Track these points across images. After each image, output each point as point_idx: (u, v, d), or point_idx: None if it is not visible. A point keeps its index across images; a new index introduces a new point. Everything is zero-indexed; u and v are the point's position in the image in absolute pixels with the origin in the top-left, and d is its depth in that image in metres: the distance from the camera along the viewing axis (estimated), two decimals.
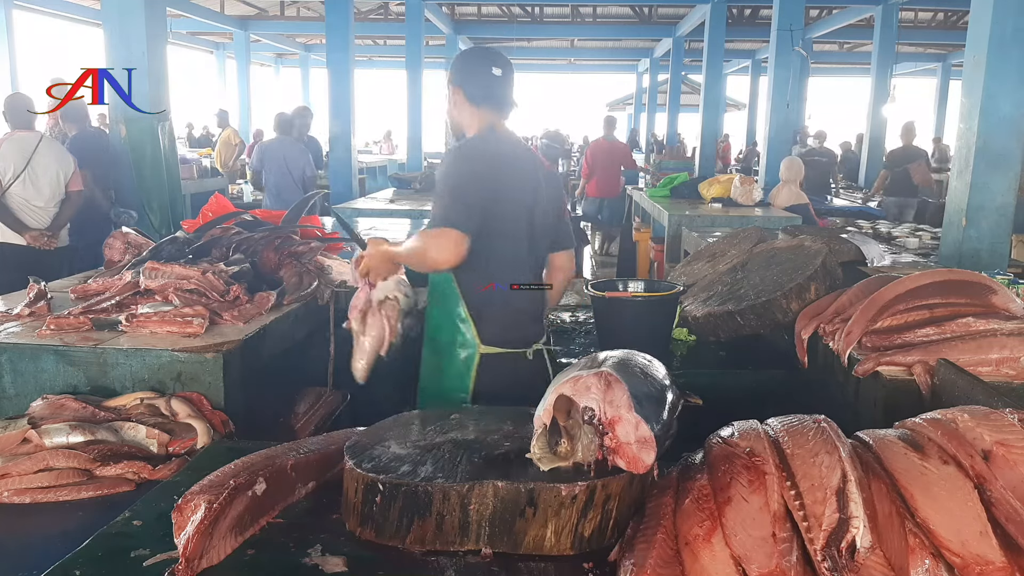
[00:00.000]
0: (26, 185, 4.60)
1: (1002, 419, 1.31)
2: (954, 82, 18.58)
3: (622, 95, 28.16)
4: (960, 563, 1.11)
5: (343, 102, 8.63)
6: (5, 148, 4.56)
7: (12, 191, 4.56)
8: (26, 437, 1.87)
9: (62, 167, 4.76)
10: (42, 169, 4.65)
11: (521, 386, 2.12)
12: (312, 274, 2.97)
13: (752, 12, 15.29)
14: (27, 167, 4.58)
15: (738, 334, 2.97)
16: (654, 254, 7.06)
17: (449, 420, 1.61)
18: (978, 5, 4.12)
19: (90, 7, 13.29)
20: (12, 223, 4.58)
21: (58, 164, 4.75)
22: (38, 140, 4.70)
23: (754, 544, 1.15)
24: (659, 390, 1.44)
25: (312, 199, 3.86)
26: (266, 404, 2.56)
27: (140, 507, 1.50)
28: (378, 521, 1.36)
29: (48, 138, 4.93)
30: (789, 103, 8.58)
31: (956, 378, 1.98)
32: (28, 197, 4.62)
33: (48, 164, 4.69)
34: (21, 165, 4.56)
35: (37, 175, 4.63)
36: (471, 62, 2.39)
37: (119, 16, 5.28)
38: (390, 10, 16.29)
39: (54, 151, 4.79)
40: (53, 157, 4.74)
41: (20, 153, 4.58)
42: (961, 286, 2.44)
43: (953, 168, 4.41)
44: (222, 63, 19.71)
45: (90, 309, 2.45)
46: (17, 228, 4.59)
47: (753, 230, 4.11)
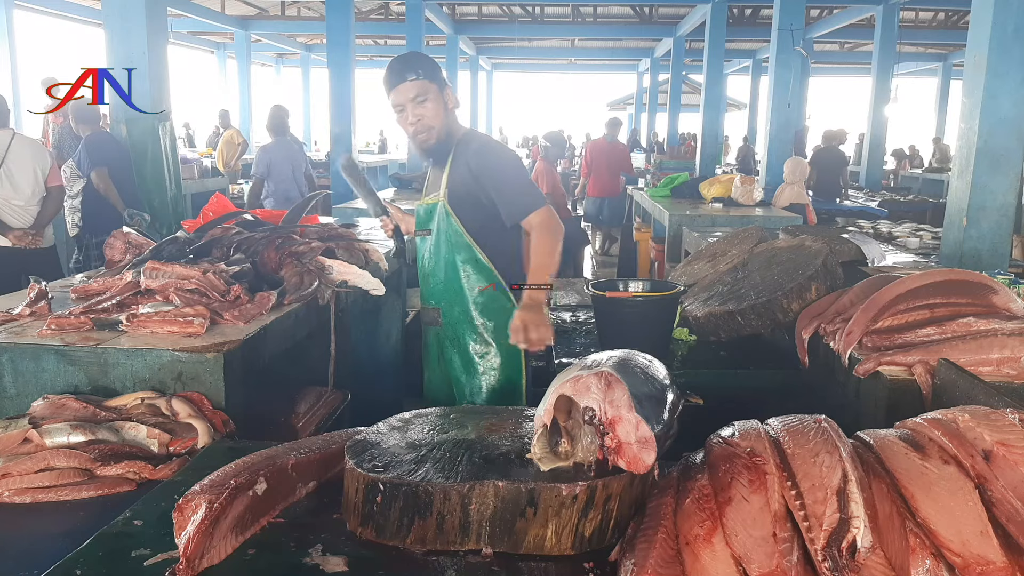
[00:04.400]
0: (3, 184, 4.52)
1: (1003, 419, 1.31)
2: (955, 82, 18.58)
3: (623, 95, 28.20)
4: (961, 563, 1.11)
5: (344, 102, 8.63)
6: None
7: None
8: (27, 437, 1.87)
9: (39, 163, 4.69)
10: (17, 167, 4.57)
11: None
12: (313, 274, 2.97)
13: (753, 12, 15.30)
14: (1, 166, 4.50)
15: (739, 334, 2.97)
16: (655, 254, 7.07)
17: (449, 420, 1.61)
18: (979, 5, 4.12)
19: (90, 7, 13.30)
20: None
21: (34, 160, 4.67)
22: (10, 138, 4.61)
23: (755, 544, 1.15)
24: (660, 390, 1.44)
25: (314, 199, 3.86)
26: (267, 404, 2.56)
27: (141, 507, 1.50)
28: (379, 521, 1.36)
29: (21, 135, 4.84)
30: (790, 103, 8.58)
31: (957, 378, 1.98)
32: (6, 196, 4.56)
33: (23, 161, 4.61)
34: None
35: (13, 173, 4.56)
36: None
37: (120, 16, 5.29)
38: (391, 10, 16.30)
39: (28, 148, 4.71)
40: (28, 154, 4.66)
41: None
42: (962, 286, 2.44)
43: (954, 168, 4.41)
44: (223, 63, 19.73)
45: (91, 309, 2.45)
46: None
47: (754, 230, 4.12)
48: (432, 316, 2.65)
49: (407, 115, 2.44)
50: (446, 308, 2.59)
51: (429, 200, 2.62)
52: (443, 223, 2.53)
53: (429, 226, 2.61)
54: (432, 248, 2.60)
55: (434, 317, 2.64)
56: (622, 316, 2.85)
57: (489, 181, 2.46)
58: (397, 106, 2.45)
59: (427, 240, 2.62)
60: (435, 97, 2.43)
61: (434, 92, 2.43)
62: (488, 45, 20.79)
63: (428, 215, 2.61)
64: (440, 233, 2.55)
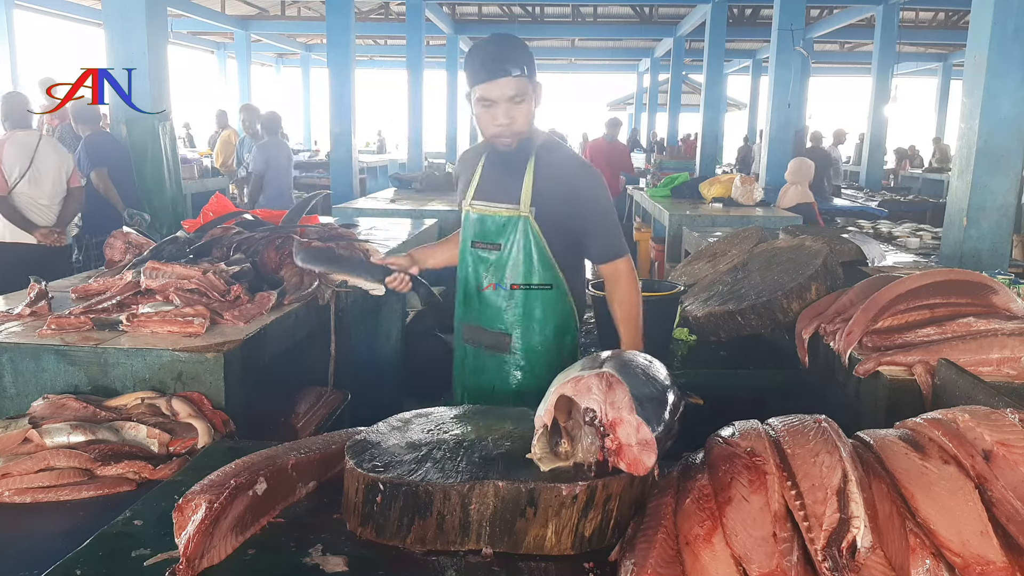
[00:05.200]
0: (31, 184, 4.65)
1: (1003, 419, 1.31)
2: (955, 82, 18.58)
3: (623, 95, 28.20)
4: (961, 563, 1.11)
5: (344, 102, 8.64)
6: (8, 148, 4.60)
7: (18, 190, 4.62)
8: (27, 437, 1.88)
9: (63, 164, 4.82)
10: (45, 167, 4.70)
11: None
12: (313, 274, 2.97)
13: (753, 12, 15.30)
14: (31, 166, 4.63)
15: (739, 334, 2.97)
16: (655, 254, 7.07)
17: (450, 420, 1.61)
18: (979, 5, 4.12)
19: (90, 7, 13.30)
20: (21, 222, 4.63)
21: (59, 161, 4.81)
22: (38, 139, 4.74)
23: (755, 544, 1.15)
24: (660, 391, 1.44)
25: (314, 199, 3.86)
26: (267, 404, 2.56)
27: (141, 507, 1.50)
28: (379, 521, 1.36)
29: (47, 136, 4.98)
30: (790, 103, 8.58)
31: (957, 378, 1.98)
32: (34, 195, 4.68)
33: (50, 161, 4.74)
34: (26, 164, 4.62)
35: (40, 173, 4.68)
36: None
37: (120, 16, 5.29)
38: (391, 10, 16.30)
39: (54, 148, 4.84)
40: (54, 154, 4.79)
41: (23, 152, 4.63)
42: (962, 286, 2.44)
43: (954, 168, 4.41)
44: (223, 63, 19.72)
45: (91, 309, 2.45)
46: (26, 227, 4.64)
47: (754, 230, 4.12)
48: (498, 341, 2.31)
49: (496, 113, 2.09)
50: (523, 334, 2.29)
51: (503, 211, 2.23)
52: (523, 239, 2.21)
53: (499, 240, 2.25)
54: (502, 265, 2.25)
55: (502, 342, 2.30)
56: None
57: (584, 208, 2.20)
58: (485, 100, 2.09)
59: (489, 255, 2.27)
60: (531, 98, 2.12)
61: (531, 93, 2.11)
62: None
63: (499, 228, 2.24)
64: (519, 250, 2.22)
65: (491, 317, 2.30)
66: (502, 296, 2.26)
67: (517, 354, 2.29)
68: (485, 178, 2.30)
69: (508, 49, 2.08)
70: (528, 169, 2.19)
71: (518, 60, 2.06)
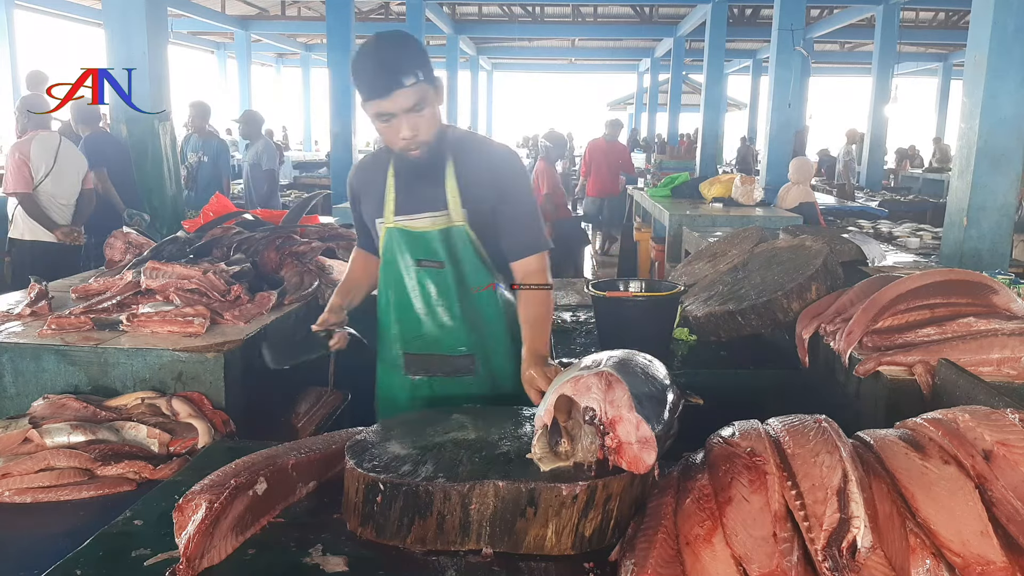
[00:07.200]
0: (54, 183, 4.77)
1: (1003, 419, 1.31)
2: (955, 82, 18.59)
3: (623, 95, 28.21)
4: (961, 563, 1.11)
5: (344, 102, 8.64)
6: (36, 147, 4.72)
7: (41, 189, 4.73)
8: (27, 437, 1.88)
9: (80, 165, 4.95)
10: (66, 167, 4.83)
11: None
12: (313, 274, 2.97)
13: (753, 12, 15.31)
14: (55, 165, 4.75)
15: (739, 334, 2.97)
16: (655, 254, 7.06)
17: (450, 420, 1.61)
18: (979, 5, 4.12)
19: (90, 7, 13.30)
20: (43, 219, 4.74)
21: (77, 162, 4.94)
22: (59, 140, 4.87)
23: (755, 544, 1.15)
24: (660, 390, 1.44)
25: (314, 199, 3.87)
26: (267, 404, 2.56)
27: (141, 507, 1.50)
28: (379, 521, 1.36)
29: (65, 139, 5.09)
30: (790, 103, 8.58)
31: (957, 378, 1.98)
32: (55, 194, 4.80)
33: (70, 162, 4.86)
34: (51, 163, 4.74)
35: (62, 173, 4.80)
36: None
37: (120, 16, 5.30)
38: (391, 10, 16.30)
39: (72, 150, 4.96)
40: (73, 155, 4.92)
41: (48, 152, 4.74)
42: (962, 286, 2.44)
43: (954, 168, 4.42)
44: (223, 63, 19.74)
45: (91, 309, 2.46)
46: (48, 225, 4.75)
47: (754, 230, 4.11)
48: (462, 364, 2.14)
49: (397, 127, 1.89)
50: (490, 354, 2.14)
51: (434, 223, 2.05)
52: (464, 252, 2.06)
53: (440, 257, 2.07)
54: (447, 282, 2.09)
55: (465, 365, 2.14)
56: (622, 316, 2.85)
57: (507, 205, 2.04)
58: (383, 115, 1.89)
59: (430, 273, 2.09)
60: (432, 101, 1.91)
61: (431, 96, 1.90)
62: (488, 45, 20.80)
63: (430, 242, 2.06)
64: (461, 263, 2.08)
65: (449, 340, 2.12)
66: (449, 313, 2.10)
67: (481, 374, 2.13)
68: (401, 190, 2.09)
69: (398, 55, 1.86)
70: (448, 173, 2.02)
71: (411, 66, 1.84)
